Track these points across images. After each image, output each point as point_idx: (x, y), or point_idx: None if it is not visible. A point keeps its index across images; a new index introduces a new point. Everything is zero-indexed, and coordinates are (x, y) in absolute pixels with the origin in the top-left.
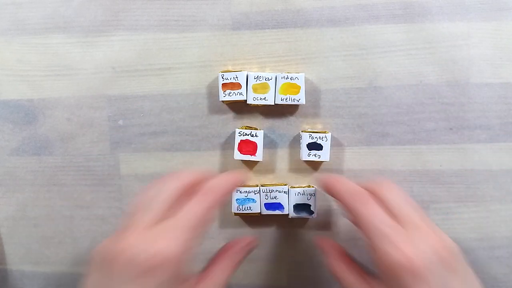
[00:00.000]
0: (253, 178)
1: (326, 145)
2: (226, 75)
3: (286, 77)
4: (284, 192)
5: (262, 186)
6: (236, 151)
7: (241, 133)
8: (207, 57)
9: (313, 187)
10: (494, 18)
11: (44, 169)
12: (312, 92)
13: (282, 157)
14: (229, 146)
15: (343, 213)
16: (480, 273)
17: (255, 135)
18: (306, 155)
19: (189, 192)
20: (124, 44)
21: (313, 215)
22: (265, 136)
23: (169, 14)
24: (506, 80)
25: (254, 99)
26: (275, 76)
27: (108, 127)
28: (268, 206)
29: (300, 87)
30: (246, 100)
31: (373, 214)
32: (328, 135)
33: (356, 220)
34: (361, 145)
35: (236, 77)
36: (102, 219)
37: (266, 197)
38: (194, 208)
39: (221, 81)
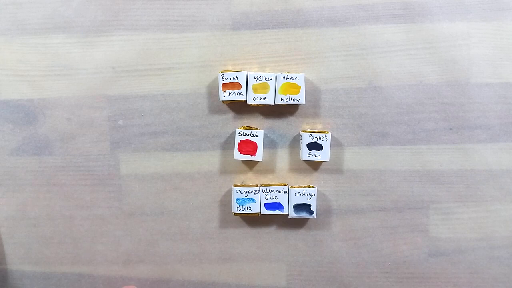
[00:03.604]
0: (253, 178)
1: (326, 145)
2: (226, 75)
3: (286, 77)
4: (284, 192)
5: (262, 186)
6: (236, 151)
7: (241, 133)
8: (207, 57)
9: (313, 187)
10: (494, 18)
11: (44, 169)
12: (312, 92)
13: (282, 157)
14: (229, 146)
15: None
16: (480, 273)
17: (255, 135)
18: (306, 155)
19: None
20: (124, 44)
21: (313, 215)
22: (265, 136)
23: (169, 14)
24: (506, 80)
25: (254, 99)
26: (275, 76)
27: (108, 127)
28: (268, 206)
29: (300, 87)
30: (246, 100)
31: None
32: (328, 135)
33: None
34: (361, 145)
35: (236, 77)
36: (102, 219)
37: (266, 197)
38: None
39: (221, 81)
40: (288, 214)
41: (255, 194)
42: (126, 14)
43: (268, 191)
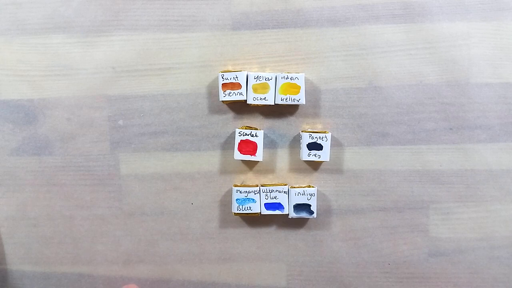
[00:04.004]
0: (253, 178)
1: (326, 145)
2: (226, 75)
3: (286, 77)
4: (284, 192)
5: (262, 186)
6: (236, 151)
7: (241, 133)
8: (207, 57)
9: (313, 187)
10: (494, 18)
11: (44, 169)
12: (312, 92)
13: (282, 157)
14: (229, 146)
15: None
16: (480, 273)
17: (255, 135)
18: (306, 155)
19: None
20: (124, 44)
21: (313, 215)
22: (265, 136)
23: (169, 14)
24: (506, 80)
25: (254, 99)
26: (275, 76)
27: (108, 127)
28: (268, 206)
29: (300, 87)
30: (246, 100)
31: None
32: (328, 135)
33: None
34: (361, 145)
35: (236, 77)
36: (102, 219)
37: (266, 197)
38: None
39: (221, 81)
40: (288, 214)
41: (255, 194)
42: (126, 14)
43: (268, 191)
